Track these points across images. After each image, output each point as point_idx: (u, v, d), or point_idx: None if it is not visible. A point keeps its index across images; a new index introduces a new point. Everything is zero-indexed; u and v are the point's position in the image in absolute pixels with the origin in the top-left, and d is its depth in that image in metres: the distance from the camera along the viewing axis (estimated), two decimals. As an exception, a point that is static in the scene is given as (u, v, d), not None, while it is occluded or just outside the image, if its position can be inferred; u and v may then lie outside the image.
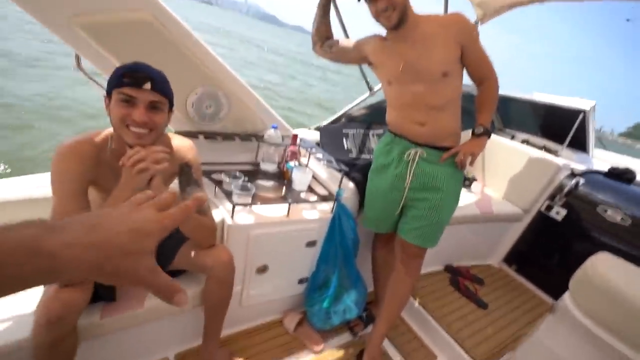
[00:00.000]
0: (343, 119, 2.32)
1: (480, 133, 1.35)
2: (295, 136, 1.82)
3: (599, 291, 1.20)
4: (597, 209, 2.11)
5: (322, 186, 1.76)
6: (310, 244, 1.60)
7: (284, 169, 1.77)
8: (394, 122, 1.44)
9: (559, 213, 2.24)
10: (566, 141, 2.53)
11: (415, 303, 1.91)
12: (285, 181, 1.73)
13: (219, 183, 1.53)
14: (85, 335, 1.08)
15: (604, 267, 1.26)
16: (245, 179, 1.52)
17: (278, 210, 1.49)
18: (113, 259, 0.31)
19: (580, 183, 2.21)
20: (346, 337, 1.74)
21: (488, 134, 1.37)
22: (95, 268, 0.30)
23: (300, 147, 1.84)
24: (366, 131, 2.13)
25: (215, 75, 1.52)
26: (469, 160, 1.34)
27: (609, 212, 2.07)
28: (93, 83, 1.43)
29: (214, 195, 1.49)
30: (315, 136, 2.13)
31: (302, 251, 1.60)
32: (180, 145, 1.15)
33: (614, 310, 1.16)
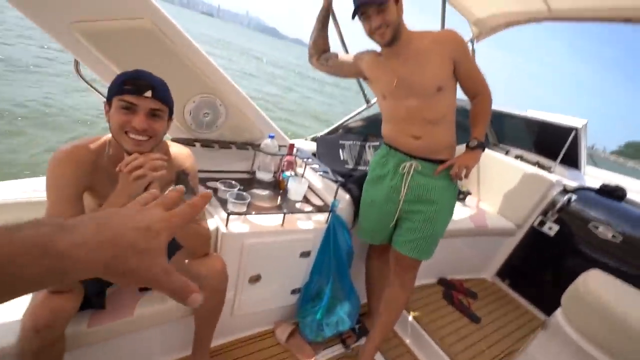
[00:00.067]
0: (340, 130, 2.34)
1: (475, 146, 1.37)
2: (292, 146, 1.83)
3: (591, 308, 1.21)
4: (588, 226, 2.14)
5: (318, 197, 1.77)
6: (304, 254, 1.59)
7: (280, 178, 1.77)
8: (390, 135, 1.46)
9: (551, 229, 2.26)
10: (559, 158, 2.57)
11: (408, 316, 1.90)
12: (281, 191, 1.73)
13: (214, 191, 1.53)
14: (72, 343, 1.05)
15: (595, 284, 1.27)
16: (241, 187, 1.52)
17: (273, 220, 1.49)
18: (124, 258, 0.31)
19: (572, 199, 2.24)
20: (338, 349, 1.72)
21: (482, 147, 1.38)
22: (106, 267, 0.30)
23: (296, 157, 1.84)
24: (362, 143, 2.15)
25: (214, 84, 1.53)
26: (463, 172, 1.35)
27: (600, 228, 2.09)
28: (90, 89, 1.43)
29: (208, 204, 1.48)
30: (311, 147, 2.14)
31: (296, 261, 1.59)
32: (178, 153, 1.15)
33: (605, 328, 1.17)
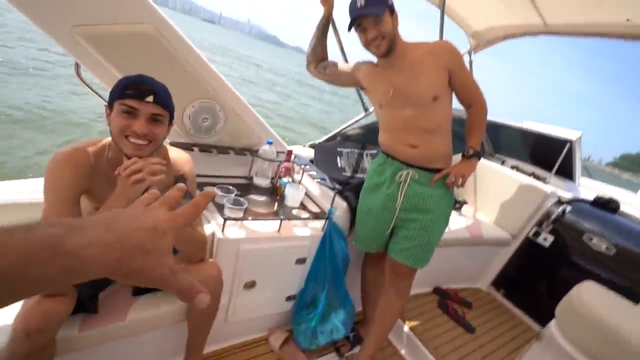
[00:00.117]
0: (338, 138, 2.35)
1: (471, 155, 1.38)
2: (290, 152, 1.83)
3: (584, 320, 1.21)
4: (582, 237, 2.15)
5: (315, 203, 1.77)
6: (300, 261, 1.59)
7: (277, 184, 1.78)
8: (387, 144, 1.47)
9: (546, 239, 2.27)
10: (554, 169, 2.60)
11: (403, 325, 1.89)
12: (278, 197, 1.73)
13: (211, 196, 1.53)
14: (63, 348, 1.04)
15: (589, 296, 1.27)
16: (238, 193, 1.52)
17: (269, 226, 1.49)
18: (132, 258, 0.31)
19: (567, 211, 2.25)
20: (332, 357, 1.70)
21: (478, 156, 1.39)
22: (114, 267, 0.30)
23: (294, 164, 1.85)
24: (360, 151, 2.16)
25: (214, 89, 1.54)
26: (460, 181, 1.36)
27: (594, 240, 2.10)
28: (89, 92, 1.44)
29: (205, 209, 1.48)
30: (309, 154, 2.15)
31: (292, 268, 1.59)
32: (177, 157, 1.15)
33: (599, 340, 1.17)
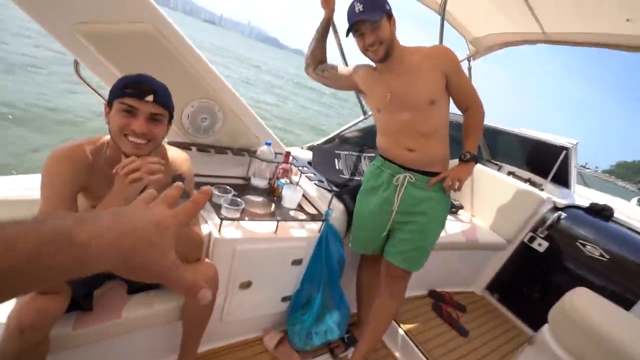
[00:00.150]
0: (336, 140, 2.36)
1: (467, 159, 1.39)
2: (288, 154, 1.84)
3: (576, 326, 1.23)
4: (576, 243, 2.17)
5: (312, 205, 1.77)
6: (296, 262, 1.59)
7: (275, 185, 1.78)
8: (384, 147, 1.47)
9: (541, 245, 2.29)
10: (550, 176, 2.62)
11: (397, 327, 1.90)
12: (275, 198, 1.74)
13: (208, 195, 1.53)
14: (56, 346, 1.03)
15: (581, 302, 1.29)
16: (235, 193, 1.52)
17: (266, 227, 1.49)
18: (138, 251, 0.32)
19: (561, 217, 2.27)
20: (326, 358, 1.71)
21: (475, 159, 1.40)
22: (122, 259, 0.31)
23: (292, 165, 1.85)
24: (358, 154, 2.17)
25: (213, 90, 1.54)
26: (456, 185, 1.37)
27: (588, 247, 2.12)
28: (88, 90, 1.43)
29: (202, 208, 1.48)
30: (307, 155, 2.15)
31: (287, 269, 1.59)
32: (175, 157, 1.16)
33: (590, 345, 1.18)
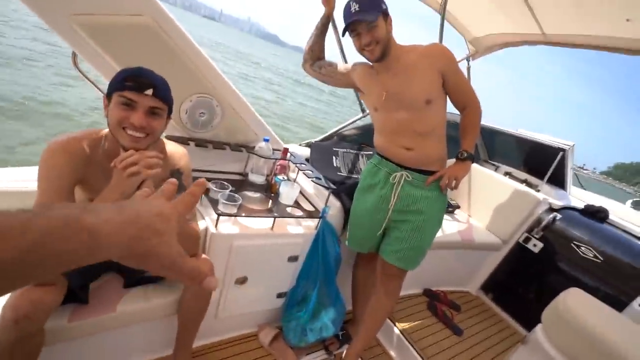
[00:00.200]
0: (334, 138, 2.36)
1: (464, 157, 1.39)
2: (286, 150, 1.84)
3: (569, 326, 1.24)
4: (571, 244, 2.19)
5: (309, 202, 1.78)
6: (292, 258, 1.60)
7: (272, 182, 1.78)
8: (381, 146, 1.47)
9: (536, 245, 2.31)
10: (546, 177, 2.63)
11: (392, 325, 1.91)
12: (272, 194, 1.74)
13: (205, 191, 1.53)
14: (51, 338, 1.03)
15: (574, 303, 1.30)
16: (232, 189, 1.53)
17: (263, 223, 1.49)
18: (144, 238, 0.32)
19: (557, 218, 2.29)
20: (321, 355, 1.72)
21: (472, 158, 1.40)
22: (129, 246, 0.31)
23: (289, 162, 1.85)
24: (356, 152, 2.17)
25: (212, 84, 1.54)
26: (453, 183, 1.37)
27: (582, 248, 2.14)
28: (83, 85, 1.43)
29: (199, 203, 1.48)
30: (305, 152, 2.15)
31: (284, 265, 1.59)
32: (173, 151, 1.15)
33: (582, 346, 1.19)
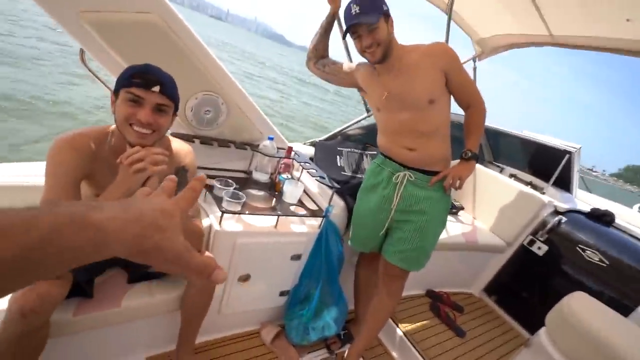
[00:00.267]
0: (339, 137, 2.36)
1: (468, 157, 1.38)
2: (290, 149, 1.84)
3: (573, 330, 1.23)
4: (576, 248, 2.17)
5: (312, 201, 1.78)
6: (295, 257, 1.60)
7: (276, 180, 1.79)
8: (384, 146, 1.47)
9: (540, 248, 2.29)
10: (551, 180, 2.61)
11: (394, 326, 1.91)
12: (276, 193, 1.74)
13: (210, 188, 1.54)
14: (56, 331, 1.05)
15: (579, 307, 1.29)
16: (237, 186, 1.53)
17: (266, 221, 1.50)
18: (149, 235, 0.32)
19: (562, 221, 2.27)
20: (322, 354, 1.72)
21: (476, 158, 1.39)
22: (134, 243, 0.31)
23: (294, 161, 1.86)
24: (360, 151, 2.17)
25: (217, 82, 1.54)
26: (457, 183, 1.36)
27: (588, 252, 2.12)
28: (87, 83, 1.44)
29: (203, 200, 1.49)
30: (309, 151, 2.15)
31: (287, 264, 1.60)
32: (179, 148, 1.16)
33: (586, 350, 1.18)
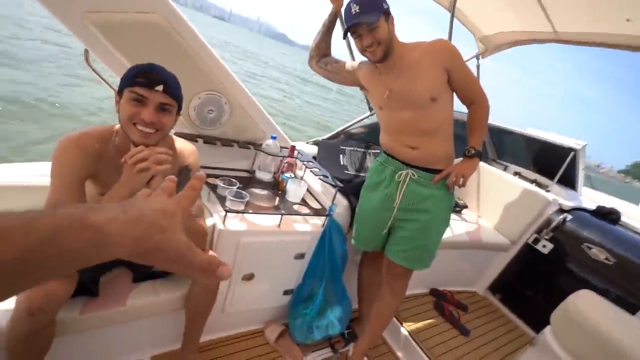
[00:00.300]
0: (341, 136, 2.36)
1: (472, 154, 1.36)
2: (293, 148, 1.84)
3: (579, 328, 1.22)
4: (582, 246, 2.15)
5: (316, 200, 1.78)
6: (299, 256, 1.60)
7: (280, 179, 1.79)
8: (387, 145, 1.46)
9: (545, 246, 2.28)
10: (556, 177, 2.59)
11: (398, 324, 1.90)
12: (280, 192, 1.74)
13: (213, 188, 1.54)
14: (62, 329, 1.06)
15: (585, 305, 1.28)
16: (240, 186, 1.54)
17: (270, 220, 1.50)
18: (150, 236, 0.32)
19: (567, 219, 2.25)
20: (326, 352, 1.72)
21: (479, 155, 1.37)
22: (134, 244, 0.32)
23: (297, 160, 1.86)
24: (363, 150, 2.17)
25: (220, 82, 1.55)
26: (460, 181, 1.35)
27: (593, 249, 2.10)
28: (89, 84, 1.45)
29: (207, 200, 1.50)
30: (312, 150, 2.15)
31: (290, 262, 1.60)
32: (183, 148, 1.17)
33: (593, 348, 1.18)
